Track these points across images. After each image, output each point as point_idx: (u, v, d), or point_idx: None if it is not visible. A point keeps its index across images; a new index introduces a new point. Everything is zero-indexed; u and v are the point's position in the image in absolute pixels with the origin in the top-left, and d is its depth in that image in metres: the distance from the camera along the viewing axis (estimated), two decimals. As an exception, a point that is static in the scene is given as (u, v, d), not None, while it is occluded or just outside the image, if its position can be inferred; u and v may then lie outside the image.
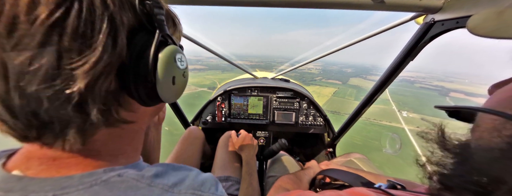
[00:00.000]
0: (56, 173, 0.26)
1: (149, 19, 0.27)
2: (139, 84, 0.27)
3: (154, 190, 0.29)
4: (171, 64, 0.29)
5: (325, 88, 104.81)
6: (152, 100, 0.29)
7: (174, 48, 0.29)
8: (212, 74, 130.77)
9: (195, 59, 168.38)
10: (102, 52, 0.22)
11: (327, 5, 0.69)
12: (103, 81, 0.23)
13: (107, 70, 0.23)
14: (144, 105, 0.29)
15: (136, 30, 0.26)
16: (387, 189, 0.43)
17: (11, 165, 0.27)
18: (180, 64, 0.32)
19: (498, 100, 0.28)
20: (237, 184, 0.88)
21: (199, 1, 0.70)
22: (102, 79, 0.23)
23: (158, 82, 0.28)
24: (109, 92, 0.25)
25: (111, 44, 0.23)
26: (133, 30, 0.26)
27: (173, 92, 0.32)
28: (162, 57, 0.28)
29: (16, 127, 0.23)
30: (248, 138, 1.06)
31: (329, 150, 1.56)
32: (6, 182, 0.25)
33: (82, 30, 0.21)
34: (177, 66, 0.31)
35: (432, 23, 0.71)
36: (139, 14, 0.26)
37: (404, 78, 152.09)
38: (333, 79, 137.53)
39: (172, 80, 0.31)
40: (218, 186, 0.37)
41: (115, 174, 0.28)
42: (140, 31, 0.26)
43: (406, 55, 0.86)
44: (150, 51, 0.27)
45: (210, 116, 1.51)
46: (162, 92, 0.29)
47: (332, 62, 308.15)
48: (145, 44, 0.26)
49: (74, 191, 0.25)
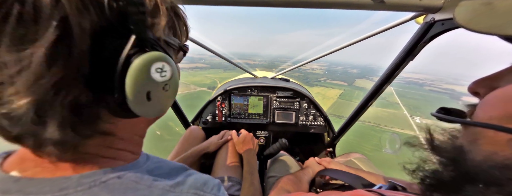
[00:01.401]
0: (54, 174, 0.26)
1: (122, 19, 0.23)
2: (109, 99, 0.24)
3: (154, 191, 0.28)
4: (143, 76, 0.24)
5: (330, 90, 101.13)
6: (128, 114, 0.25)
7: (151, 56, 0.24)
8: (213, 73, 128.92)
9: (198, 57, 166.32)
10: (47, 63, 0.19)
11: (327, 5, 0.69)
12: (64, 96, 0.21)
13: (64, 83, 0.20)
14: (123, 118, 0.27)
15: (104, 34, 0.22)
16: (387, 190, 0.43)
17: (8, 166, 0.27)
18: (160, 76, 0.26)
19: (505, 112, 0.25)
20: (238, 185, 0.88)
21: (199, 1, 0.70)
22: (62, 94, 0.20)
23: (129, 97, 0.23)
24: (81, 105, 0.22)
25: (64, 54, 0.20)
26: (99, 35, 0.22)
27: (150, 108, 0.27)
28: (132, 69, 0.23)
29: (2, 133, 0.23)
30: (248, 137, 1.06)
31: (329, 150, 1.56)
32: (4, 183, 0.25)
33: (22, 39, 0.18)
34: (153, 78, 0.25)
35: (432, 23, 0.71)
36: (108, 15, 0.22)
37: (412, 81, 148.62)
38: (338, 80, 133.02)
39: (147, 96, 0.25)
40: (221, 188, 0.37)
41: (114, 176, 0.27)
42: (109, 36, 0.22)
43: (406, 55, 0.86)
44: (118, 61, 0.22)
45: (210, 115, 1.51)
46: (135, 109, 0.25)
47: (336, 63, 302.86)
48: (114, 52, 0.22)
49: (73, 193, 0.25)
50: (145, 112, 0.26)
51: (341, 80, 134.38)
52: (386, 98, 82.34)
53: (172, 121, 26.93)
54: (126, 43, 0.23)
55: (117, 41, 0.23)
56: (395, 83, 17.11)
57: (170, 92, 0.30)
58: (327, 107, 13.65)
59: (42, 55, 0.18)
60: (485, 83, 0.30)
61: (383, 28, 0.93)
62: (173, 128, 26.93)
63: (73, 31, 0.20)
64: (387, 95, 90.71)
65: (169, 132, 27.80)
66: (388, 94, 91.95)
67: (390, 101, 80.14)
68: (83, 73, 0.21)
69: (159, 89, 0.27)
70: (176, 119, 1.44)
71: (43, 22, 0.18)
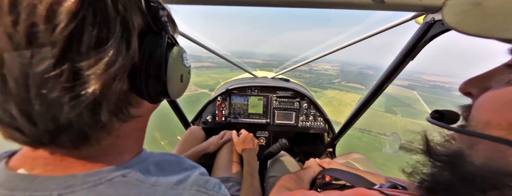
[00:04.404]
0: (62, 172, 0.27)
1: (154, 21, 0.28)
2: (150, 83, 0.28)
3: (157, 190, 0.30)
4: (179, 63, 0.32)
5: (346, 94, 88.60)
6: (160, 97, 0.31)
7: (180, 48, 0.32)
8: (218, 73, 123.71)
9: (206, 56, 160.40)
10: (116, 55, 0.23)
11: (327, 5, 0.69)
12: (117, 83, 0.24)
13: (121, 72, 0.24)
14: (152, 103, 0.31)
15: (145, 32, 0.27)
16: (388, 189, 0.43)
17: (14, 164, 0.28)
18: (186, 63, 0.34)
19: (504, 117, 0.24)
20: (238, 185, 0.88)
21: (199, 1, 0.70)
22: (117, 81, 0.24)
23: (169, 81, 0.30)
24: (122, 93, 0.26)
25: (125, 48, 0.24)
26: (142, 33, 0.27)
27: (180, 89, 0.34)
28: (172, 57, 0.30)
29: (31, 133, 0.23)
30: (249, 137, 1.06)
31: (329, 150, 1.56)
32: (11, 180, 0.26)
33: (97, 36, 0.22)
34: (184, 64, 0.33)
35: (432, 22, 0.71)
36: (146, 16, 0.27)
37: (437, 84, 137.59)
38: (354, 83, 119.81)
39: (181, 78, 0.33)
40: (221, 186, 0.38)
41: (119, 174, 0.29)
42: (148, 33, 0.28)
43: (406, 55, 0.86)
44: (161, 52, 0.28)
45: (210, 115, 1.51)
46: (171, 90, 0.31)
47: (350, 63, 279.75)
48: (154, 45, 0.28)
49: (79, 190, 0.25)
50: (177, 93, 0.33)
51: (357, 82, 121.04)
52: (412, 105, 73.58)
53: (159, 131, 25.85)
54: (160, 39, 0.28)
55: (154, 38, 0.28)
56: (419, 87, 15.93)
57: (190, 77, 0.37)
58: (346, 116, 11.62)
59: (113, 48, 0.23)
60: (476, 83, 0.30)
61: (383, 28, 0.93)
62: (168, 132, 26.84)
63: (129, 28, 0.25)
64: (413, 102, 79.95)
65: (163, 134, 27.85)
66: (414, 101, 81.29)
67: (418, 109, 69.86)
68: (132, 63, 0.26)
69: (187, 73, 0.35)
70: (162, 129, 1.43)
71: (112, 21, 0.23)
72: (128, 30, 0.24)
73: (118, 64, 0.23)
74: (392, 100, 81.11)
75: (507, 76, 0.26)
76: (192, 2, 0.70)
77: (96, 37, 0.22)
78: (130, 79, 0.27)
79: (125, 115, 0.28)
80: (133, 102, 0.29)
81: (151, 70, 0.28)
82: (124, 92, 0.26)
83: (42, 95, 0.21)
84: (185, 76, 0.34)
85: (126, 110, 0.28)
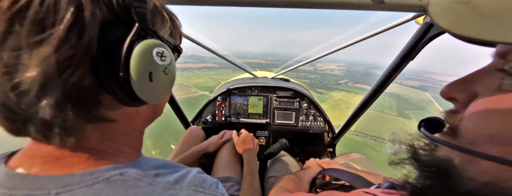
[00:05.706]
0: (59, 171, 0.27)
1: (127, 12, 0.26)
2: (113, 80, 0.26)
3: (155, 189, 0.29)
4: (146, 58, 0.27)
5: (354, 96, 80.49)
6: (131, 98, 0.28)
7: (152, 42, 0.28)
8: (221, 74, 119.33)
9: (209, 57, 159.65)
10: (61, 43, 0.22)
11: (327, 5, 0.69)
12: (69, 74, 0.23)
13: (71, 62, 0.23)
14: (124, 104, 0.28)
15: (112, 23, 0.25)
16: (386, 189, 0.43)
17: (13, 163, 0.28)
18: (160, 60, 0.29)
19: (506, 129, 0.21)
20: (237, 185, 0.88)
21: (199, 1, 0.70)
22: (68, 72, 0.23)
23: (132, 78, 0.26)
24: (84, 88, 0.24)
25: (76, 37, 0.22)
26: (108, 23, 0.25)
27: (151, 90, 0.29)
28: (136, 51, 0.26)
29: (2, 121, 0.25)
30: (249, 137, 1.06)
31: (329, 150, 1.56)
32: (10, 180, 0.26)
33: (42, 20, 0.21)
34: (155, 61, 0.28)
35: (432, 23, 0.71)
36: (115, 7, 0.25)
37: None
38: (362, 84, 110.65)
39: (149, 76, 0.28)
40: (219, 185, 0.38)
41: (116, 173, 0.28)
42: (116, 25, 0.25)
43: (405, 56, 0.86)
44: (123, 45, 0.25)
45: (210, 115, 1.52)
46: (137, 89, 0.27)
47: (356, 62, 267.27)
48: (120, 38, 0.25)
49: (76, 189, 0.25)
50: (147, 95, 0.29)
51: (365, 83, 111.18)
52: (426, 107, 70.11)
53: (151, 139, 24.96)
54: (130, 32, 0.26)
55: (123, 30, 0.26)
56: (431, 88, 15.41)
57: (169, 77, 0.32)
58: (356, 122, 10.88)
59: (58, 35, 0.22)
60: (461, 87, 0.27)
61: (383, 28, 0.93)
62: (163, 139, 26.50)
63: (86, 17, 0.23)
64: (427, 104, 76.19)
65: (157, 142, 27.38)
66: (427, 102, 77.49)
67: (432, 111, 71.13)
68: (90, 56, 0.24)
69: (160, 71, 0.30)
70: (154, 137, 1.42)
71: (62, 7, 0.22)
72: (82, 18, 0.23)
73: (63, 52, 0.22)
74: (404, 102, 76.93)
75: (494, 81, 0.23)
76: (192, 2, 0.70)
77: (40, 22, 0.21)
78: (95, 75, 0.25)
79: (93, 115, 0.26)
80: (104, 102, 0.27)
81: (112, 64, 0.25)
82: (87, 88, 0.25)
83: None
84: (158, 75, 0.29)
85: (95, 110, 0.26)
